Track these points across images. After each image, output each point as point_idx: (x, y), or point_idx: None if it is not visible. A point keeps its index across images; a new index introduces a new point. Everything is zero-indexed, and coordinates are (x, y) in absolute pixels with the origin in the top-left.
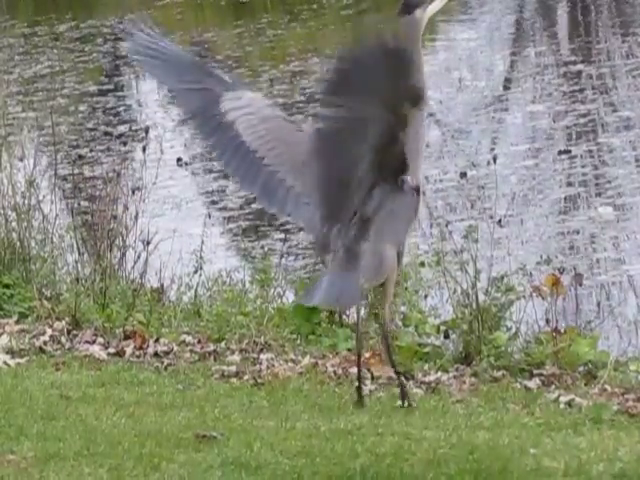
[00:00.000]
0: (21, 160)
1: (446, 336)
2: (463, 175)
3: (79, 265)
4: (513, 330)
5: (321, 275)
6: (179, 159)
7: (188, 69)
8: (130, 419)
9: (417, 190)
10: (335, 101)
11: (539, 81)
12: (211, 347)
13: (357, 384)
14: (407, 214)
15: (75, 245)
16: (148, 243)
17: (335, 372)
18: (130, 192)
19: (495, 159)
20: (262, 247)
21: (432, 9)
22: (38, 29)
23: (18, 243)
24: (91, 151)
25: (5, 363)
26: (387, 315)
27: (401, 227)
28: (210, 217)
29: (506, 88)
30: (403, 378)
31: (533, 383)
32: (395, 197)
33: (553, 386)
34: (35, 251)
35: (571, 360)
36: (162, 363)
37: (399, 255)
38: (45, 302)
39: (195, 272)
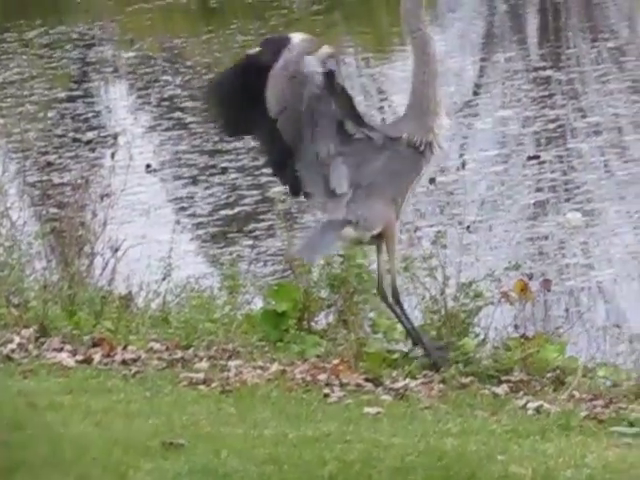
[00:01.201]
0: None
1: (415, 342)
2: (432, 181)
3: (47, 272)
4: (481, 336)
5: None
6: (148, 165)
7: None
8: (98, 427)
9: (416, 147)
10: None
11: (508, 87)
12: (179, 354)
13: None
14: (403, 169)
15: (43, 252)
16: (116, 250)
17: (303, 379)
18: (99, 199)
19: (464, 165)
20: (231, 253)
21: None
22: (7, 35)
23: None
24: (60, 158)
25: None
26: (393, 274)
27: (396, 181)
28: (179, 224)
29: (475, 94)
30: (423, 342)
31: (501, 389)
32: (387, 152)
33: (521, 392)
34: (3, 258)
35: (539, 366)
36: (130, 370)
37: (396, 209)
38: (13, 309)
39: (163, 279)
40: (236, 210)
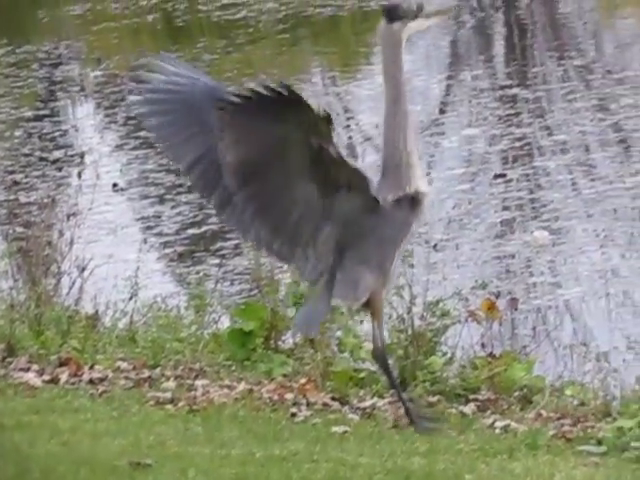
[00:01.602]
0: None
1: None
2: None
3: (14, 291)
4: (449, 355)
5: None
6: (115, 184)
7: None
8: (65, 446)
9: (401, 207)
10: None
11: (475, 105)
12: (146, 373)
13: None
14: (391, 233)
15: (10, 271)
16: (83, 269)
17: (270, 398)
18: (65, 218)
19: (431, 183)
20: (197, 272)
21: (413, 26)
22: None
23: None
24: (26, 177)
25: None
26: (379, 340)
27: (383, 247)
28: (146, 243)
29: (442, 112)
30: (404, 398)
31: (469, 408)
32: (374, 217)
33: (489, 411)
34: None
35: (507, 385)
36: (97, 390)
37: (383, 276)
38: None
39: (130, 298)
40: (203, 229)
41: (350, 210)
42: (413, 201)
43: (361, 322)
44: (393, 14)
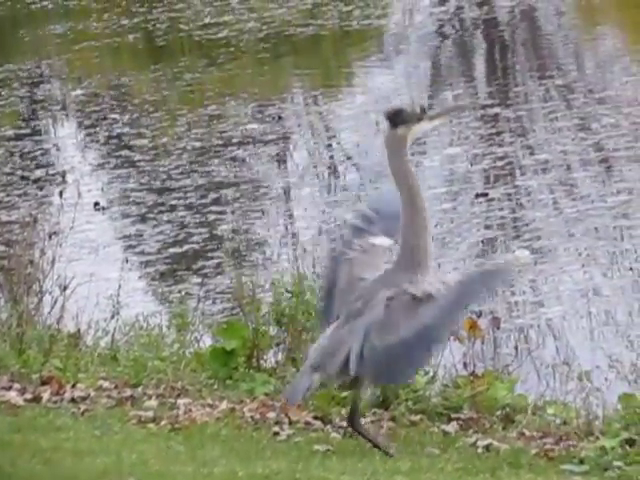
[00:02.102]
0: None
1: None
2: None
3: None
4: (431, 374)
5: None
6: (96, 203)
7: None
8: (47, 465)
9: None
10: None
11: (456, 124)
12: (128, 392)
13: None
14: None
15: None
16: (65, 288)
17: (252, 417)
18: (47, 237)
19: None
20: (179, 291)
21: (418, 129)
22: None
23: None
24: (8, 195)
25: None
26: (356, 409)
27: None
28: (127, 261)
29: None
30: (379, 445)
31: (451, 427)
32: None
33: (471, 430)
34: None
35: (489, 404)
36: (79, 409)
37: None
38: None
39: (112, 317)
40: (184, 248)
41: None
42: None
43: None
44: (397, 119)
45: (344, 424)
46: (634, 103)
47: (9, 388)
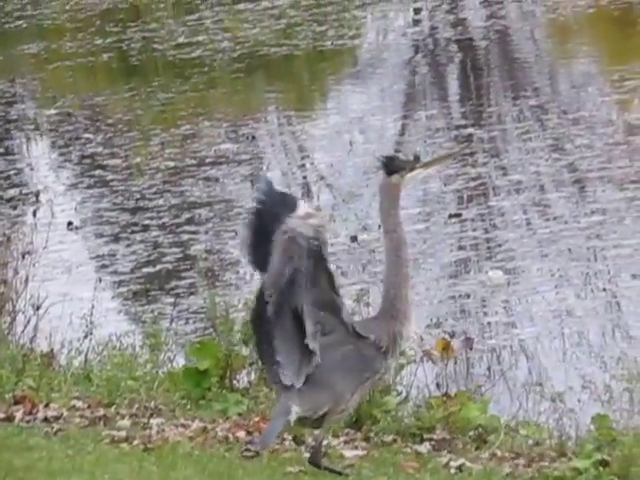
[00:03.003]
0: None
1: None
2: (354, 239)
3: None
4: (404, 394)
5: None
6: (70, 223)
7: None
8: None
9: (379, 349)
10: None
11: (430, 144)
12: (101, 412)
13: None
14: (360, 367)
15: None
16: (38, 307)
17: (225, 437)
18: (20, 256)
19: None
20: (152, 311)
21: (411, 177)
22: None
23: None
24: None
25: None
26: (318, 448)
27: (349, 377)
28: (101, 281)
29: (397, 151)
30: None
31: (424, 447)
32: (350, 346)
33: (444, 450)
34: None
35: (462, 424)
36: (52, 428)
37: (340, 405)
38: None
39: (85, 336)
40: (158, 268)
41: (328, 334)
42: (390, 350)
43: None
44: (391, 167)
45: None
46: (608, 124)
47: None
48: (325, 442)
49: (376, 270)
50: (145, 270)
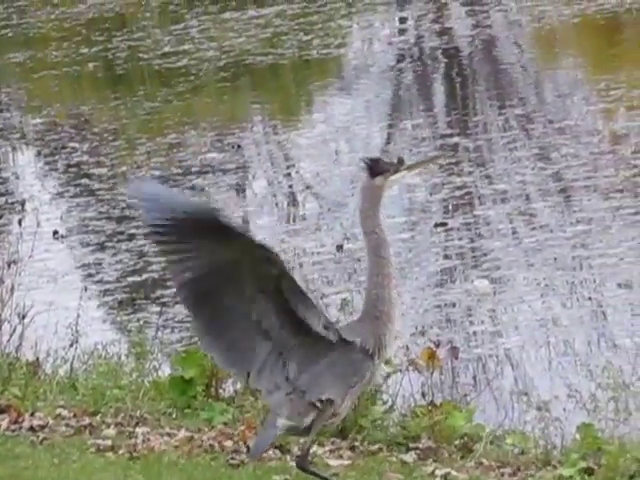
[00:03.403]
0: None
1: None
2: (339, 248)
3: None
4: (389, 403)
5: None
6: (55, 232)
7: None
8: None
9: (366, 352)
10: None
11: (416, 153)
12: (87, 421)
13: None
14: (347, 372)
15: None
16: (24, 316)
17: (211, 445)
18: (6, 265)
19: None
20: (138, 320)
21: (394, 179)
22: None
23: None
24: None
25: None
26: (307, 452)
27: (337, 384)
28: (86, 290)
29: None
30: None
31: (409, 457)
32: (336, 353)
33: (429, 459)
34: None
35: (447, 433)
36: (38, 437)
37: (330, 411)
38: None
39: (71, 345)
40: (143, 277)
41: (309, 343)
42: (377, 353)
43: None
44: (374, 169)
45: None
46: (594, 133)
47: None
48: (312, 449)
49: (362, 279)
50: (131, 279)
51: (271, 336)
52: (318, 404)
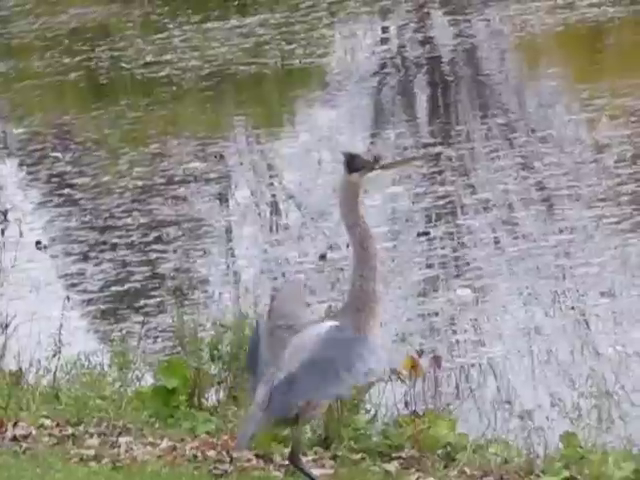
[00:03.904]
0: None
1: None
2: (322, 257)
3: None
4: (372, 413)
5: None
6: (38, 242)
7: None
8: None
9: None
10: None
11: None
12: (70, 430)
13: None
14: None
15: None
16: (6, 326)
17: (194, 455)
18: None
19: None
20: (121, 330)
21: (371, 177)
22: None
23: None
24: None
25: None
26: (298, 445)
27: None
28: (69, 300)
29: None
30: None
31: (392, 466)
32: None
33: (412, 469)
34: None
35: (430, 443)
36: (20, 447)
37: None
38: None
39: (54, 355)
40: (126, 286)
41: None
42: None
43: None
44: (352, 165)
45: (286, 463)
46: (576, 142)
47: None
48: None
49: (344, 288)
50: (114, 289)
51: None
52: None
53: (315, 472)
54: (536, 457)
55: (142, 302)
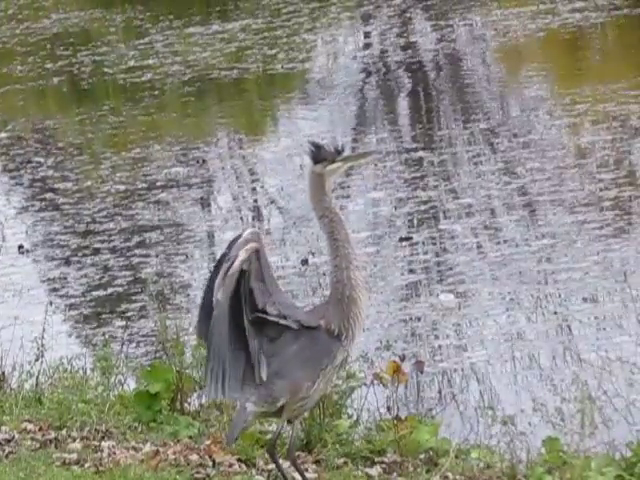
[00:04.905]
0: None
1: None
2: (304, 262)
3: None
4: (355, 417)
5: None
6: (20, 246)
7: None
8: None
9: (331, 334)
10: None
11: (380, 168)
12: (52, 434)
13: None
14: (315, 355)
15: None
16: None
17: (176, 459)
18: None
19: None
20: (103, 334)
21: (331, 169)
22: None
23: None
24: None
25: None
26: (285, 439)
27: (307, 367)
28: (51, 304)
29: (347, 175)
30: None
31: (375, 470)
32: (302, 339)
33: (395, 473)
34: None
35: (412, 447)
36: (3, 451)
37: (301, 393)
38: None
39: (36, 359)
40: (109, 291)
41: (275, 329)
42: (345, 333)
43: None
44: (316, 155)
45: (268, 467)
46: (559, 147)
47: None
48: (292, 433)
49: (326, 293)
50: (96, 293)
51: (247, 340)
52: (285, 389)
53: (298, 477)
54: (519, 462)
55: (124, 306)
